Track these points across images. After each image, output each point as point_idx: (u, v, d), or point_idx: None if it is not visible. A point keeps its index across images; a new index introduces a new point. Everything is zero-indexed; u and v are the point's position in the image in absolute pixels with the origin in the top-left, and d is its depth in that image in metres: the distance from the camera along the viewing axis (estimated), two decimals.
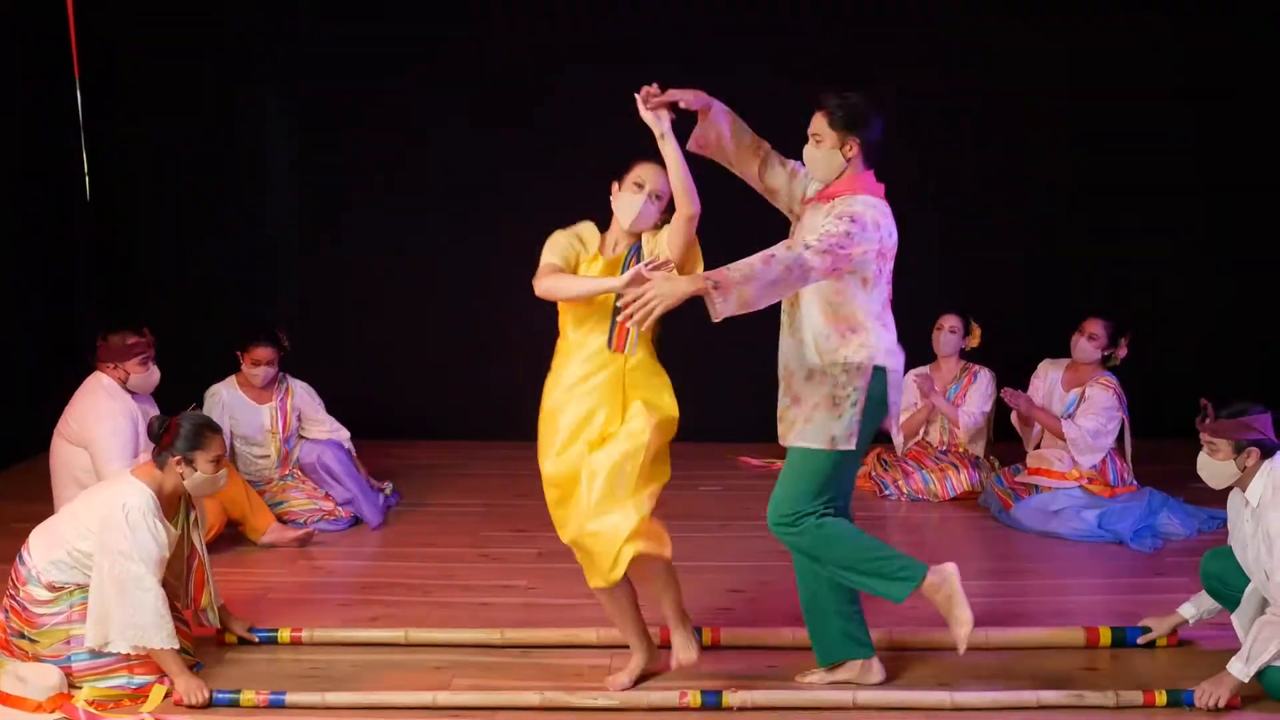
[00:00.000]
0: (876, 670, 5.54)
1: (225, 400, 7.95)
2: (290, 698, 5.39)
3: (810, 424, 5.22)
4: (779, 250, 4.91)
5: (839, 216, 5.02)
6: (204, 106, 9.64)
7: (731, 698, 5.36)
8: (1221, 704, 5.22)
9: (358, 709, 5.40)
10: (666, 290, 4.81)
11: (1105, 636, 5.88)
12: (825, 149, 5.20)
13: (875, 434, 5.35)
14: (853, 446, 5.23)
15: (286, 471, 8.06)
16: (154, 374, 7.24)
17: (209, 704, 5.38)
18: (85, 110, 9.74)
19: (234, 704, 5.38)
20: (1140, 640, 5.86)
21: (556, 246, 5.47)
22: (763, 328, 9.41)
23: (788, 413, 5.32)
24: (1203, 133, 9.47)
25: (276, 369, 7.99)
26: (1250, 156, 9.50)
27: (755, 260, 4.84)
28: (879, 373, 5.20)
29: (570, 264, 5.42)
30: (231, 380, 8.03)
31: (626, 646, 5.72)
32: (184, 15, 9.55)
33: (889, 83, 9.22)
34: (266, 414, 7.99)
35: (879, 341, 5.21)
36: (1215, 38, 9.37)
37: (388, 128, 9.60)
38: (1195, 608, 5.77)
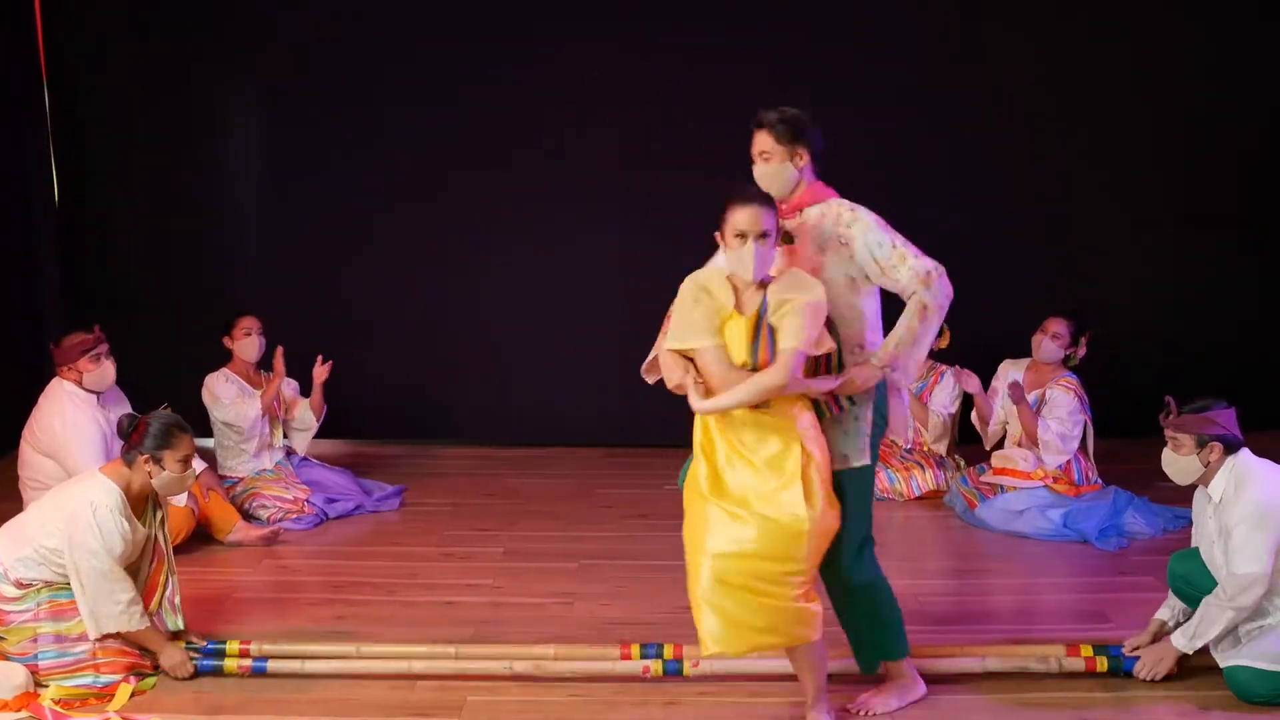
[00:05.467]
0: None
1: (221, 388, 8.07)
2: (271, 665, 5.61)
3: (835, 444, 5.13)
4: (921, 296, 5.09)
5: (878, 228, 5.15)
6: (175, 109, 9.58)
7: (692, 669, 5.50)
8: (1159, 676, 5.39)
9: (336, 676, 5.55)
10: (864, 381, 5.03)
11: (1102, 665, 5.64)
12: (775, 164, 5.22)
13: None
14: (867, 461, 5.18)
15: (269, 466, 8.15)
16: (108, 369, 7.23)
17: (195, 675, 5.57)
18: (53, 113, 9.68)
19: (218, 672, 5.56)
20: (1125, 651, 5.78)
21: (696, 324, 4.93)
22: None
23: None
24: (1166, 129, 9.50)
25: (265, 338, 8.13)
26: (1216, 154, 9.53)
27: (912, 323, 5.06)
28: (879, 385, 5.20)
29: (716, 332, 4.91)
30: (225, 370, 8.15)
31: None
32: (153, 16, 9.50)
33: (854, 82, 9.28)
34: (259, 400, 8.08)
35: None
36: (1181, 31, 9.42)
37: (361, 128, 9.56)
38: (1170, 610, 5.77)
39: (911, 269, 5.08)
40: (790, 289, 4.90)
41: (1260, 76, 9.47)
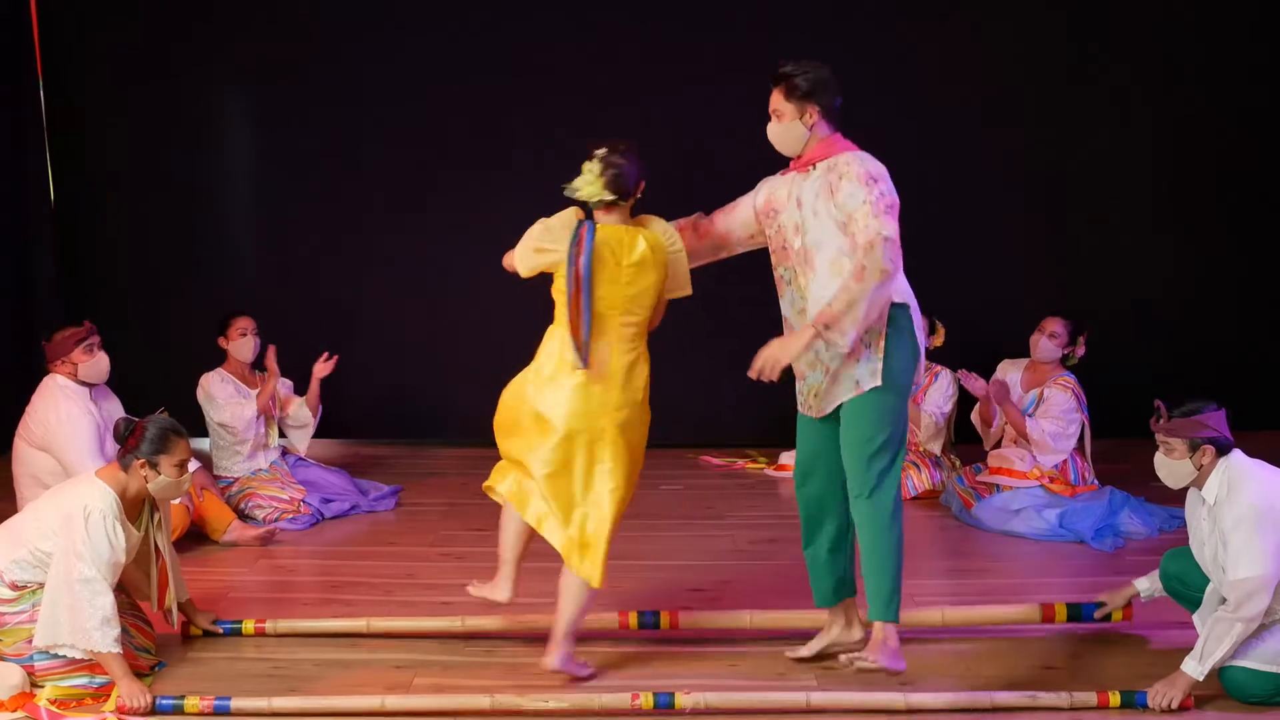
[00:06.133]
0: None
1: (217, 388, 8.07)
2: (235, 704, 5.33)
3: (846, 375, 5.23)
4: (859, 257, 4.96)
5: (860, 181, 5.07)
6: (170, 108, 9.59)
7: (684, 699, 5.34)
8: (1175, 704, 5.24)
9: (304, 714, 5.37)
10: (784, 353, 5.01)
11: (1061, 613, 5.93)
12: (785, 122, 5.28)
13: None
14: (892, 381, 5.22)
15: (265, 466, 8.15)
16: (102, 360, 7.23)
17: (151, 710, 5.32)
18: (48, 113, 9.68)
19: (178, 710, 5.31)
20: (1096, 615, 5.91)
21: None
22: (725, 332, 9.44)
23: (825, 384, 5.31)
24: (1164, 129, 9.52)
25: (259, 338, 8.13)
26: (1212, 154, 9.55)
27: (848, 283, 4.96)
28: (899, 309, 5.22)
29: None
30: (220, 370, 8.15)
31: (591, 636, 5.90)
32: (149, 15, 9.51)
33: (853, 84, 9.27)
34: (255, 401, 8.10)
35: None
36: (1175, 33, 9.44)
37: (357, 127, 9.58)
38: (1149, 583, 5.83)
39: (864, 227, 4.99)
40: None
41: (1252, 77, 9.49)
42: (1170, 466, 5.39)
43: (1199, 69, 9.45)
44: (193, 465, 6.87)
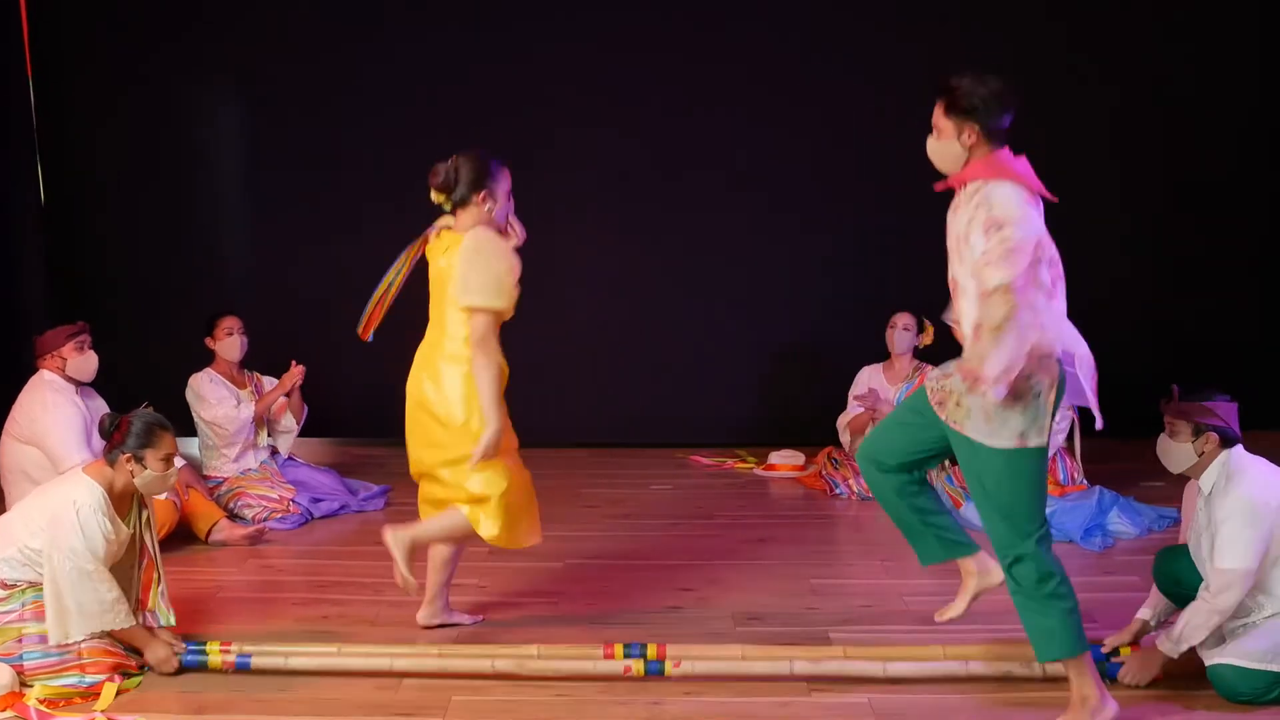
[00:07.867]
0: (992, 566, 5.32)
1: (207, 389, 8.07)
2: (255, 661, 5.58)
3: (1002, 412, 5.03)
4: (974, 321, 4.90)
5: (985, 228, 4.92)
6: (160, 107, 9.59)
7: (674, 669, 5.48)
8: (1144, 683, 5.36)
9: (320, 672, 5.58)
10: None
11: None
12: (943, 140, 5.06)
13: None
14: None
15: (254, 465, 8.16)
16: (91, 358, 7.29)
17: (180, 671, 5.55)
18: (38, 111, 9.66)
19: (202, 666, 5.56)
20: (1104, 650, 5.75)
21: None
22: (715, 331, 9.44)
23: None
24: (1163, 129, 9.53)
25: (246, 336, 8.14)
26: (1212, 155, 9.57)
27: (979, 349, 4.85)
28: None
29: None
30: (209, 370, 8.16)
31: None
32: (143, 15, 9.51)
33: (849, 84, 9.30)
34: (247, 399, 8.13)
35: None
36: (1165, 26, 9.47)
37: (342, 125, 9.59)
38: (1152, 610, 5.75)
39: (988, 275, 4.85)
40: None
41: (1251, 78, 9.51)
42: (1172, 449, 5.41)
43: (1198, 69, 9.48)
44: (178, 462, 6.89)
